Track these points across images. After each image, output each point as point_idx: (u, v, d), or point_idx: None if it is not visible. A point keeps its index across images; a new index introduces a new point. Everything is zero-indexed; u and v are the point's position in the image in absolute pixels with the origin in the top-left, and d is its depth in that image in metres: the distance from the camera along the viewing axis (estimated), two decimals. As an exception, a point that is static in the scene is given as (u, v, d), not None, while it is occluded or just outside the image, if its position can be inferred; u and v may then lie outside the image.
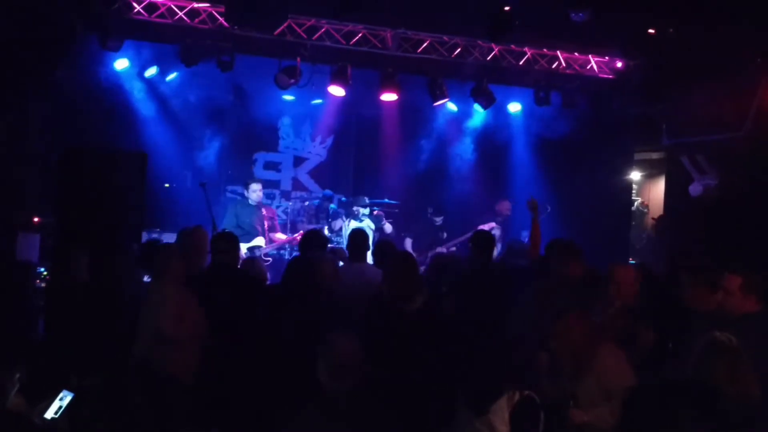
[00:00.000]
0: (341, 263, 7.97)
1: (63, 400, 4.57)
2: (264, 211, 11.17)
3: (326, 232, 11.66)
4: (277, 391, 5.55)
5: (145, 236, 9.53)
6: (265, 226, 11.04)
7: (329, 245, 11.06)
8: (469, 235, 11.33)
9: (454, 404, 4.92)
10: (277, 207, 13.19)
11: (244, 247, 10.46)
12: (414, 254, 11.35)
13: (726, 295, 5.55)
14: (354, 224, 11.43)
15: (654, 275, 7.32)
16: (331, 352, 4.47)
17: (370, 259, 8.31)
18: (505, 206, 12.37)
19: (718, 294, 5.58)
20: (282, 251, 11.25)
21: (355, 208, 11.77)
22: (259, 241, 10.88)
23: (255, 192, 10.98)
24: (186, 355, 6.18)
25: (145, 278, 8.68)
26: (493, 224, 11.73)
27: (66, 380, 4.79)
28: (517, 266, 8.15)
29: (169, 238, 9.73)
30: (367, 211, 11.83)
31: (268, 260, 10.82)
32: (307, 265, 6.51)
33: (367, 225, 11.61)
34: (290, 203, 13.18)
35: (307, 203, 12.96)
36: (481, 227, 11.50)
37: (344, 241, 10.13)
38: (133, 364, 6.03)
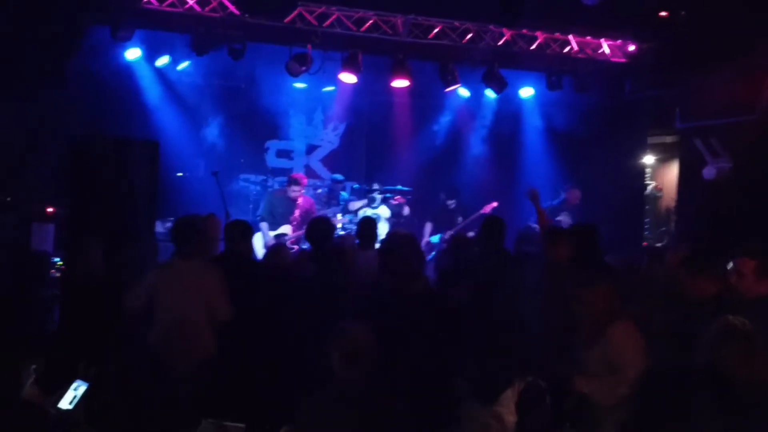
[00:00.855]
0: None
1: (77, 389, 4.59)
2: (300, 201, 11.30)
3: (339, 217, 11.71)
4: (288, 378, 5.58)
5: (158, 225, 9.59)
6: (296, 214, 11.18)
7: (344, 231, 11.20)
8: (476, 215, 11.38)
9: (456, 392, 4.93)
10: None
11: (271, 235, 10.92)
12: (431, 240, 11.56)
13: (739, 279, 5.54)
14: (369, 212, 11.47)
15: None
16: (342, 339, 4.49)
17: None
18: (574, 195, 12.19)
19: (732, 278, 5.58)
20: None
21: (370, 195, 11.83)
22: (284, 228, 11.10)
23: (295, 192, 11.25)
24: (202, 338, 6.22)
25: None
26: (494, 204, 11.68)
27: (79, 370, 4.82)
28: (528, 253, 8.12)
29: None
30: (378, 197, 11.84)
31: (294, 248, 10.91)
32: (327, 254, 6.56)
33: (383, 213, 11.65)
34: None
35: (319, 191, 12.98)
36: (483, 209, 11.52)
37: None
38: (148, 352, 6.05)
